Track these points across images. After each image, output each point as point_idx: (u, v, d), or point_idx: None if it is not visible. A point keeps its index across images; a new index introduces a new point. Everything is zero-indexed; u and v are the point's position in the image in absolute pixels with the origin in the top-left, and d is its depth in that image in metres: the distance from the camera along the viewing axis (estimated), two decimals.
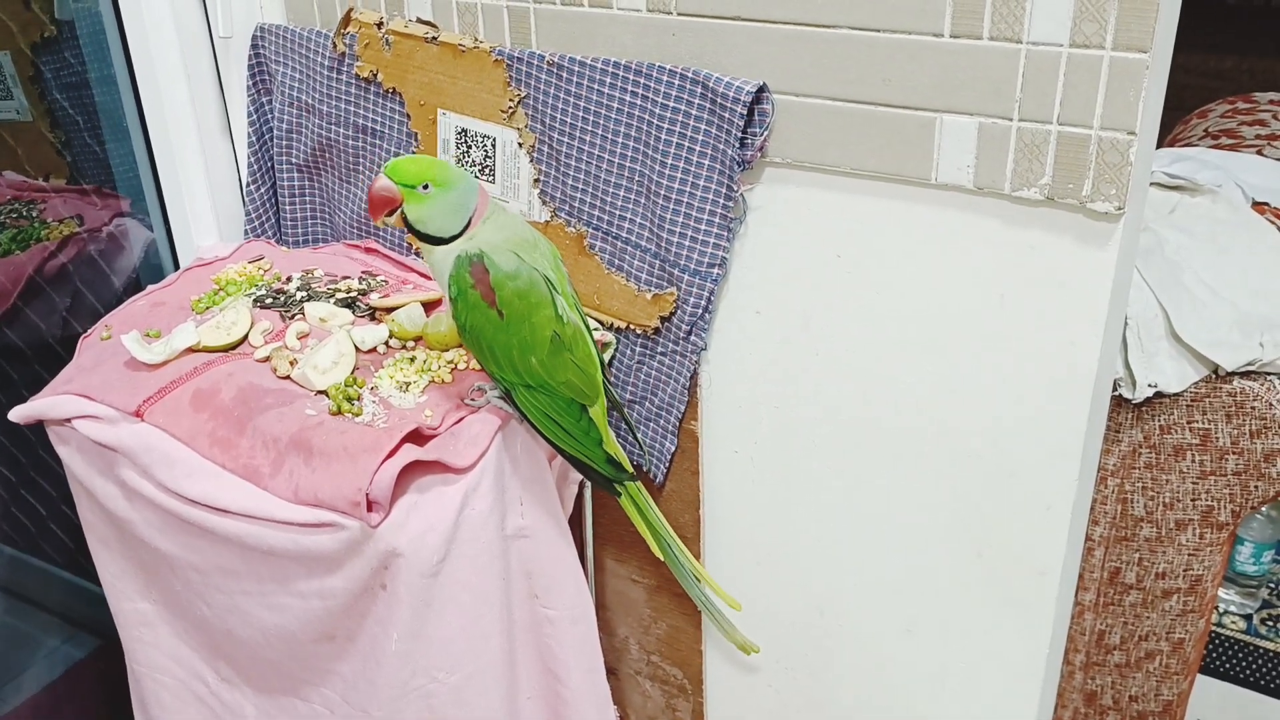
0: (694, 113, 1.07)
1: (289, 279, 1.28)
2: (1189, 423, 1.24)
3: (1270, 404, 1.20)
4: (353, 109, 1.32)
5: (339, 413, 1.05)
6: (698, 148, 1.08)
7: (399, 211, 0.98)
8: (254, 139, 1.41)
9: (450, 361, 1.13)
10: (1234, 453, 1.22)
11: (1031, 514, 1.08)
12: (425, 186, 0.97)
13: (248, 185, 1.43)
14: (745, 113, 1.04)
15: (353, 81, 1.31)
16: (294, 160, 1.40)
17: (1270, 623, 1.89)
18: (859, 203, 1.05)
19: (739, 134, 1.05)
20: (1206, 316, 1.24)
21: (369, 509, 0.96)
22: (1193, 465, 1.26)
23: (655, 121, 1.09)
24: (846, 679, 1.28)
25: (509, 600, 1.10)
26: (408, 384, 1.09)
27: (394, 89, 1.28)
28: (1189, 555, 1.30)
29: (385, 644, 1.04)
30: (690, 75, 1.06)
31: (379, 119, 1.31)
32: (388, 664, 1.05)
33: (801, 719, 1.35)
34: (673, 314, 1.16)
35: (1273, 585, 1.95)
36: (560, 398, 1.03)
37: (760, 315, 1.15)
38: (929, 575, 1.16)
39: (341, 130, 1.34)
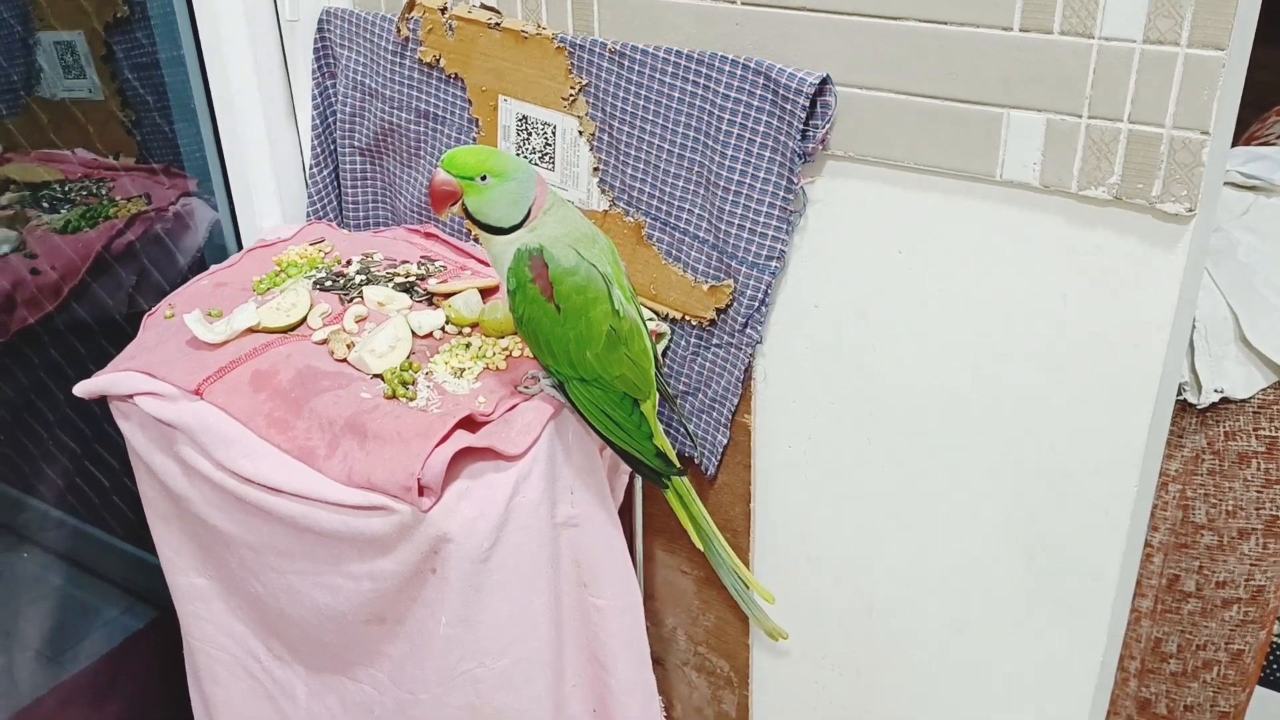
0: (755, 104, 1.06)
1: (349, 262, 1.29)
2: (1255, 429, 1.21)
3: None
4: (415, 94, 1.33)
5: (394, 397, 1.06)
6: (758, 139, 1.07)
7: (460, 202, 0.99)
8: (318, 122, 1.42)
9: (505, 349, 1.13)
10: None
11: (1088, 518, 1.06)
12: (483, 178, 0.97)
13: (311, 168, 1.45)
14: (808, 105, 1.02)
15: (415, 66, 1.31)
16: (357, 144, 1.41)
17: None
18: (921, 198, 1.04)
19: (801, 126, 1.04)
20: (1278, 321, 1.21)
21: (420, 493, 0.97)
22: (1257, 473, 1.22)
23: (716, 112, 1.08)
24: (894, 677, 1.27)
25: (557, 588, 1.10)
26: (462, 370, 1.10)
27: (456, 74, 1.28)
28: (1251, 565, 1.27)
29: (434, 627, 1.04)
30: (753, 66, 1.05)
31: (441, 104, 1.31)
32: (436, 647, 1.06)
33: (847, 715, 1.34)
34: (729, 306, 1.16)
35: None
36: (614, 392, 1.03)
37: (818, 309, 1.14)
38: (981, 575, 1.15)
39: (403, 115, 1.35)
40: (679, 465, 1.10)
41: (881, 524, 1.19)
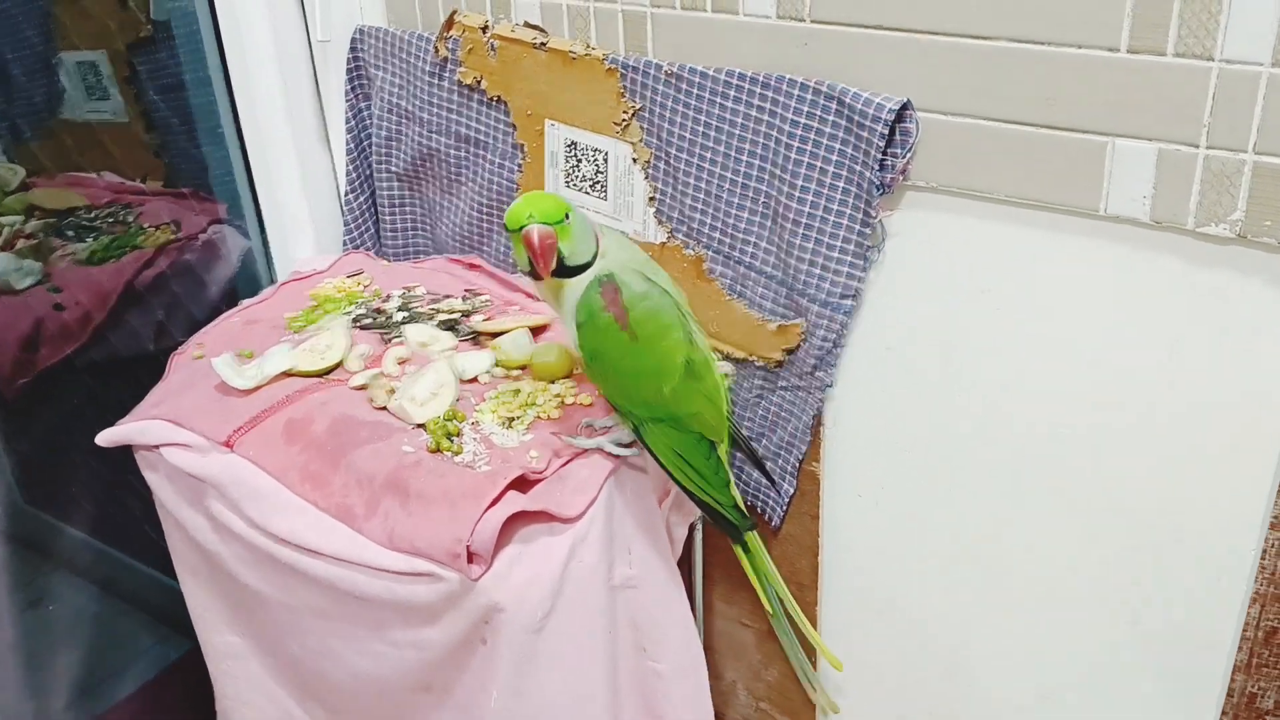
0: (828, 130, 0.97)
1: (388, 297, 1.22)
2: None
3: None
4: (455, 117, 1.25)
5: (437, 450, 0.98)
6: (831, 168, 0.98)
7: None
8: (353, 146, 1.35)
9: (558, 395, 1.05)
10: None
11: (1200, 584, 0.97)
12: (566, 217, 0.88)
13: (346, 194, 1.37)
14: (886, 132, 0.94)
15: (455, 88, 1.23)
16: (394, 169, 1.33)
17: None
18: (1012, 233, 0.95)
19: (879, 155, 0.95)
20: None
21: (470, 561, 0.89)
22: None
23: (784, 139, 0.99)
24: None
25: (614, 653, 1.02)
26: (511, 420, 1.02)
27: (499, 97, 1.20)
28: None
29: (484, 700, 0.97)
30: (825, 89, 0.96)
31: (482, 128, 1.23)
32: None
33: None
34: (798, 347, 1.07)
35: None
36: (689, 433, 0.94)
37: (892, 351, 1.05)
38: (1074, 641, 1.06)
39: (443, 139, 1.27)
40: (750, 518, 1.01)
41: (962, 581, 1.10)
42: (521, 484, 0.94)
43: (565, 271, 0.90)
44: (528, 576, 0.92)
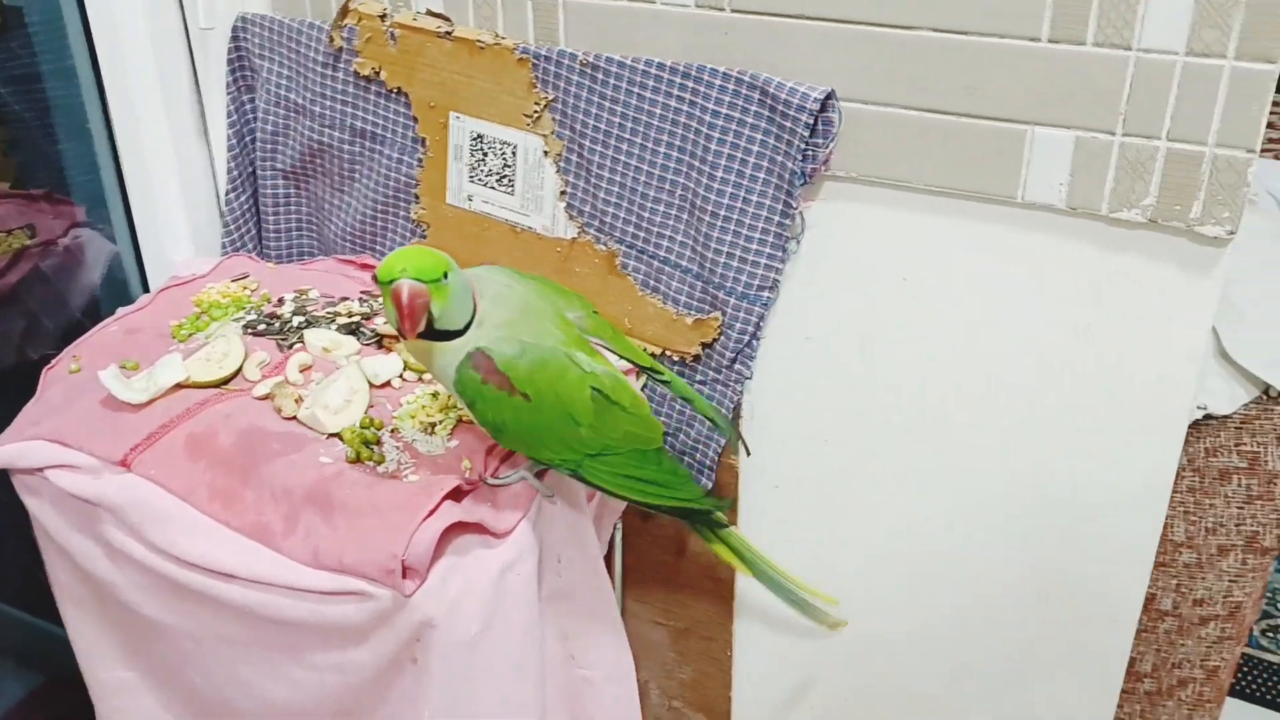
0: (750, 120, 0.96)
1: (281, 300, 1.15)
2: (1237, 445, 1.18)
3: None
4: (350, 110, 1.19)
5: (358, 460, 0.93)
6: (752, 159, 0.97)
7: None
8: (234, 142, 1.27)
9: None
10: None
11: (1110, 560, 1.01)
12: (445, 276, 0.81)
13: (227, 194, 1.29)
14: (811, 122, 0.94)
15: (351, 79, 1.17)
16: (279, 166, 1.26)
17: (1271, 634, 1.85)
18: (931, 222, 0.96)
19: (802, 145, 0.95)
20: (1260, 336, 1.18)
21: (404, 575, 0.85)
22: (1239, 489, 1.19)
23: (705, 130, 0.98)
24: None
25: (542, 665, 0.99)
26: (433, 425, 0.97)
27: (399, 89, 1.15)
28: (1230, 582, 1.24)
29: None
30: (747, 79, 0.95)
31: (381, 122, 1.18)
32: None
33: None
34: (715, 340, 1.06)
35: (1269, 595, 1.91)
36: (630, 453, 0.91)
37: (811, 341, 1.06)
38: (987, 621, 1.09)
39: (336, 133, 1.21)
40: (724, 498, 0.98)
41: (880, 568, 1.12)
42: (454, 494, 0.90)
43: (434, 335, 0.84)
44: (461, 590, 0.88)
